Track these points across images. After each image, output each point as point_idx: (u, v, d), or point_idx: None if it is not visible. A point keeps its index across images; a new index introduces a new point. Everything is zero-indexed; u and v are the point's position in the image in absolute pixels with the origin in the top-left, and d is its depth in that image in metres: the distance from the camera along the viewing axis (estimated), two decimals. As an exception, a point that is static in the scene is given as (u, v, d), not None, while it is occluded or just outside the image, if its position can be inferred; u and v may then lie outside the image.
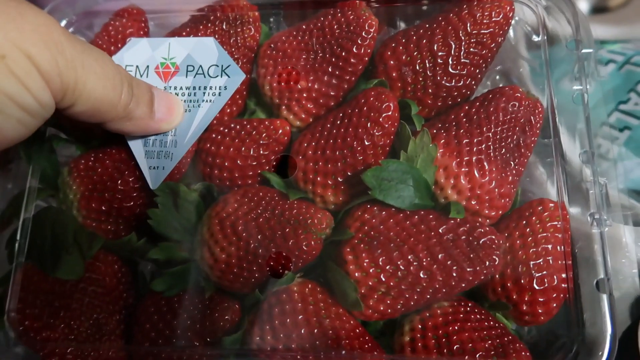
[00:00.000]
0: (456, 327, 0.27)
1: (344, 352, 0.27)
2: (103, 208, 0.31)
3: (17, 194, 0.32)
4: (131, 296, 0.31)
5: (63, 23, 0.36)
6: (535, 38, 0.34)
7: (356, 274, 0.28)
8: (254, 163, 0.32)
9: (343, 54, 0.32)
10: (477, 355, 0.26)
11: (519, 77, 0.35)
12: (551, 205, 0.30)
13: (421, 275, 0.27)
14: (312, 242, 0.28)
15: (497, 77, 0.36)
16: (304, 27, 0.34)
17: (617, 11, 0.47)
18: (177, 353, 0.28)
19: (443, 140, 0.30)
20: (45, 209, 0.32)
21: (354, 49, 0.32)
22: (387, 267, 0.27)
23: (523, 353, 0.27)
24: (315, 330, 0.27)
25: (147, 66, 0.32)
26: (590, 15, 0.47)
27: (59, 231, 0.30)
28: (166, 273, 0.29)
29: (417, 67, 0.32)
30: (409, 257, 0.27)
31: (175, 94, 0.32)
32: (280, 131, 0.32)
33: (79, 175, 0.31)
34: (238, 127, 0.32)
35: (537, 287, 0.28)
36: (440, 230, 0.28)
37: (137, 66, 0.32)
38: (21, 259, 0.30)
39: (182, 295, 0.29)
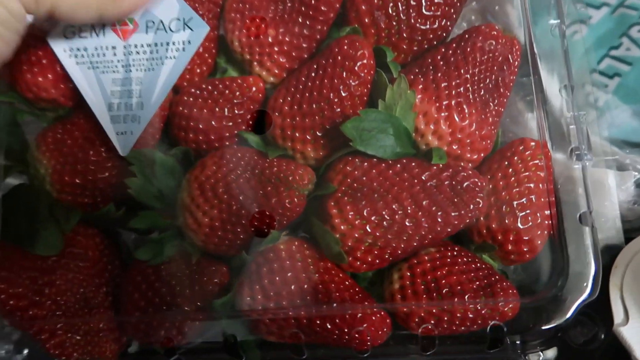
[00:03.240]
0: (444, 271, 0.28)
1: (335, 304, 0.27)
2: (77, 181, 0.30)
3: (-16, 173, 0.30)
4: (116, 267, 0.31)
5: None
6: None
7: (342, 227, 0.27)
8: (230, 123, 0.31)
9: (312, 1, 0.31)
10: (466, 297, 0.27)
11: (495, 15, 0.34)
12: (532, 144, 0.29)
13: (407, 223, 0.27)
14: (295, 199, 0.28)
15: (473, 17, 0.35)
16: (270, -23, 0.32)
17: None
18: (168, 319, 0.27)
19: (421, 86, 0.29)
20: (17, 186, 0.31)
21: (324, -4, 0.30)
22: (373, 218, 0.27)
23: (510, 291, 0.27)
24: (305, 286, 0.27)
25: (103, 25, 0.31)
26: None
27: (33, 207, 0.29)
28: (150, 241, 0.29)
29: (390, 11, 0.31)
30: (394, 206, 0.27)
31: (136, 52, 0.30)
32: (254, 89, 0.31)
33: (48, 149, 0.30)
34: (210, 87, 0.31)
35: (521, 227, 0.28)
36: (423, 177, 0.28)
37: (91, 25, 0.31)
38: (-3, 240, 0.29)
39: (168, 262, 0.29)
